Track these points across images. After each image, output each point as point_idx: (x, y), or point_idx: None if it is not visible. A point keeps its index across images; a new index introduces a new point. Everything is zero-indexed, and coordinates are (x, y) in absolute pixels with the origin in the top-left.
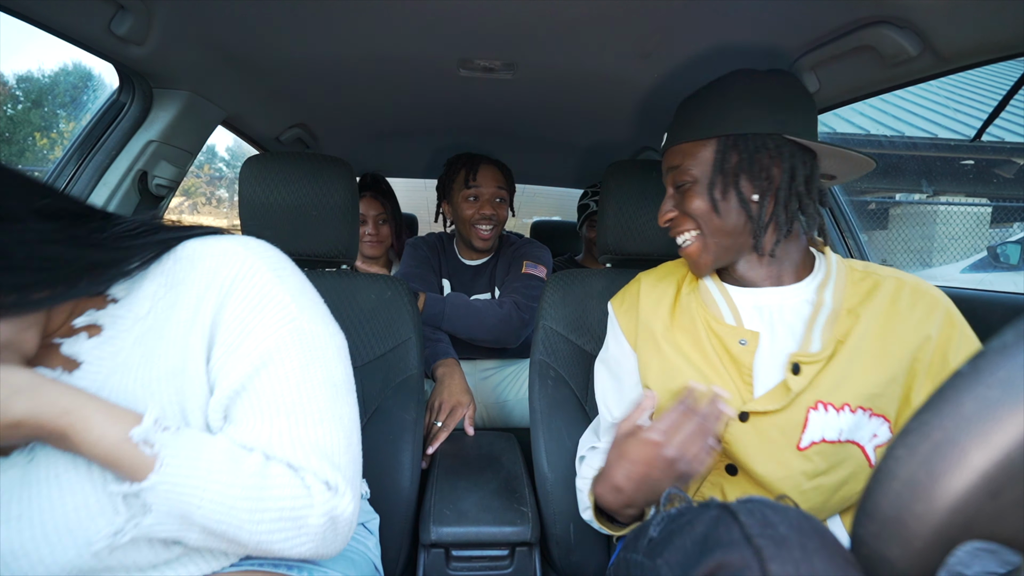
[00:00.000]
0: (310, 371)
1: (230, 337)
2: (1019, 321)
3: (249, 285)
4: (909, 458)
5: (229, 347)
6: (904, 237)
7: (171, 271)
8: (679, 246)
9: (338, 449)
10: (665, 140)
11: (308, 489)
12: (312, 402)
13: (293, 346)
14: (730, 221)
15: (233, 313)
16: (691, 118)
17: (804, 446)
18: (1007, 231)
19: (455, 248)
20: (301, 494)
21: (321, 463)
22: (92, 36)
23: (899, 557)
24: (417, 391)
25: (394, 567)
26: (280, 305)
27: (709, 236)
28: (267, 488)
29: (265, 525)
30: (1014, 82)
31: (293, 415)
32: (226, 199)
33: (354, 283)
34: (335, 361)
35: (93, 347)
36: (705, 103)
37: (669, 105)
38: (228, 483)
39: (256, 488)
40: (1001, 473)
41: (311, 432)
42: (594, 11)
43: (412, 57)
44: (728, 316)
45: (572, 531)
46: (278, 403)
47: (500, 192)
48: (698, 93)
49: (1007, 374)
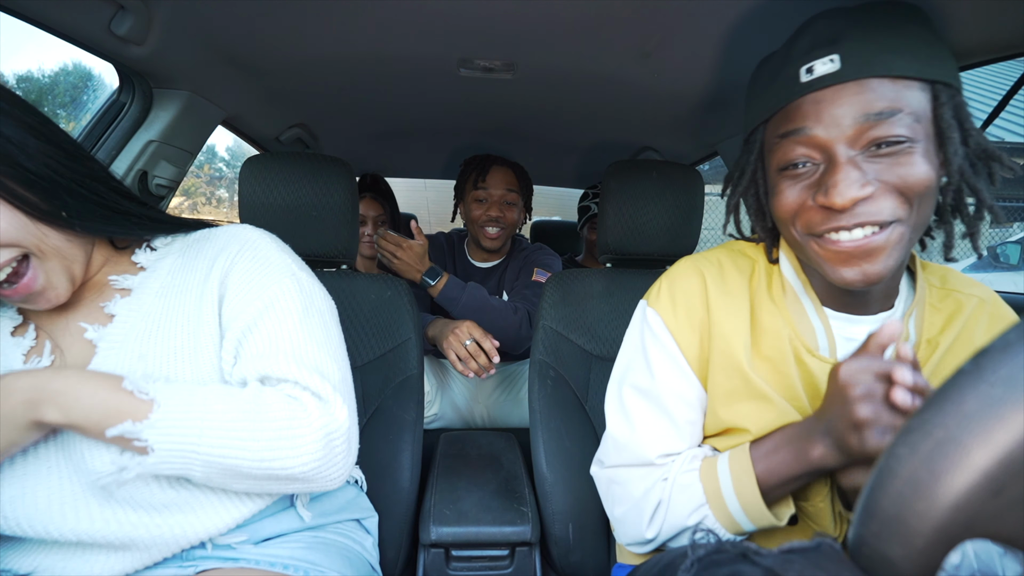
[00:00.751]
0: (309, 314)
1: (239, 288)
2: (1022, 320)
3: (255, 249)
4: (911, 456)
5: (238, 295)
6: None
7: (189, 247)
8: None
9: (330, 369)
10: (844, 64)
11: (303, 406)
12: (310, 336)
13: (293, 293)
14: (931, 207)
15: (242, 269)
16: (898, 42)
17: None
18: (1007, 231)
19: (466, 249)
20: (297, 411)
21: (313, 376)
22: (92, 36)
23: (901, 556)
24: (417, 391)
25: (394, 567)
26: (282, 263)
27: (913, 229)
28: (262, 410)
29: (263, 443)
30: (1014, 82)
31: (293, 342)
32: (226, 199)
33: (354, 283)
34: (329, 316)
35: (124, 304)
36: (905, 27)
37: (669, 105)
38: (224, 410)
39: (252, 411)
40: (1003, 471)
41: (309, 356)
42: (594, 11)
43: (412, 57)
44: (824, 347)
45: (572, 531)
46: (281, 335)
47: (509, 195)
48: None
49: (1009, 372)
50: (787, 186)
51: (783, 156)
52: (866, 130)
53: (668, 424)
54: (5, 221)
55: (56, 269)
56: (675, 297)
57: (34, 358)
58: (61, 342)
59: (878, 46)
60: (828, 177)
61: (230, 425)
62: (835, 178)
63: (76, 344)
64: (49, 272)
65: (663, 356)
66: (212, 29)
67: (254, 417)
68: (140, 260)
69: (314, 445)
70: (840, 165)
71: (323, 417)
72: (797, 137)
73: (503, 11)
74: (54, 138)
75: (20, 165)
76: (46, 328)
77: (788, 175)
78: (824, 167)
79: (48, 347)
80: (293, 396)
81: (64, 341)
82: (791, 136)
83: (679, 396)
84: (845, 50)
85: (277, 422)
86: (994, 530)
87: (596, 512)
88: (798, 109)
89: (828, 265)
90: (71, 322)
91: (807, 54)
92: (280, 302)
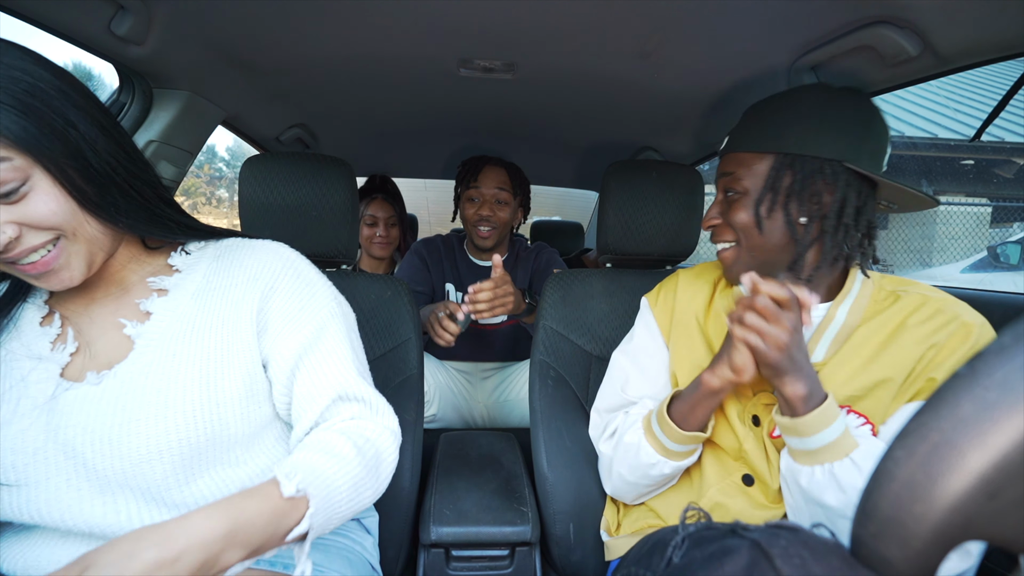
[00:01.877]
0: (351, 335)
1: (288, 308)
2: (1017, 322)
3: (298, 270)
4: (908, 459)
5: (288, 315)
6: (904, 237)
7: (223, 254)
8: (718, 251)
9: (369, 378)
10: (725, 143)
11: (379, 432)
12: (356, 353)
13: (339, 316)
14: (772, 240)
15: (288, 288)
16: (752, 128)
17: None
18: (1007, 231)
19: (466, 249)
20: (381, 442)
21: (369, 388)
22: (92, 36)
23: (898, 557)
24: (417, 391)
25: (394, 567)
26: (325, 287)
27: (746, 250)
28: (367, 461)
29: (377, 485)
30: (1014, 82)
31: (353, 360)
32: (226, 199)
33: (354, 283)
34: (357, 332)
35: (161, 303)
36: (770, 114)
37: (669, 105)
38: (347, 478)
39: (363, 469)
40: (999, 474)
41: (364, 370)
42: (594, 11)
43: (412, 57)
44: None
45: (572, 531)
46: (340, 355)
47: (501, 194)
48: (766, 102)
49: (1004, 376)
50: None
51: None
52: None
53: (639, 372)
54: (57, 205)
55: (80, 253)
56: (660, 289)
57: (59, 345)
58: (88, 333)
59: (740, 131)
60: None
61: (353, 490)
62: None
63: (109, 338)
64: (72, 255)
65: (644, 328)
66: (212, 29)
67: (366, 473)
68: (175, 263)
69: (394, 458)
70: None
71: (390, 429)
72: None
73: (503, 11)
74: (120, 140)
75: (86, 159)
76: (71, 319)
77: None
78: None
79: (71, 334)
80: (364, 423)
81: (91, 333)
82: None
83: (648, 354)
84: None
85: (380, 464)
86: (990, 532)
87: (597, 512)
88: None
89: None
90: (103, 317)
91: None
92: (331, 324)
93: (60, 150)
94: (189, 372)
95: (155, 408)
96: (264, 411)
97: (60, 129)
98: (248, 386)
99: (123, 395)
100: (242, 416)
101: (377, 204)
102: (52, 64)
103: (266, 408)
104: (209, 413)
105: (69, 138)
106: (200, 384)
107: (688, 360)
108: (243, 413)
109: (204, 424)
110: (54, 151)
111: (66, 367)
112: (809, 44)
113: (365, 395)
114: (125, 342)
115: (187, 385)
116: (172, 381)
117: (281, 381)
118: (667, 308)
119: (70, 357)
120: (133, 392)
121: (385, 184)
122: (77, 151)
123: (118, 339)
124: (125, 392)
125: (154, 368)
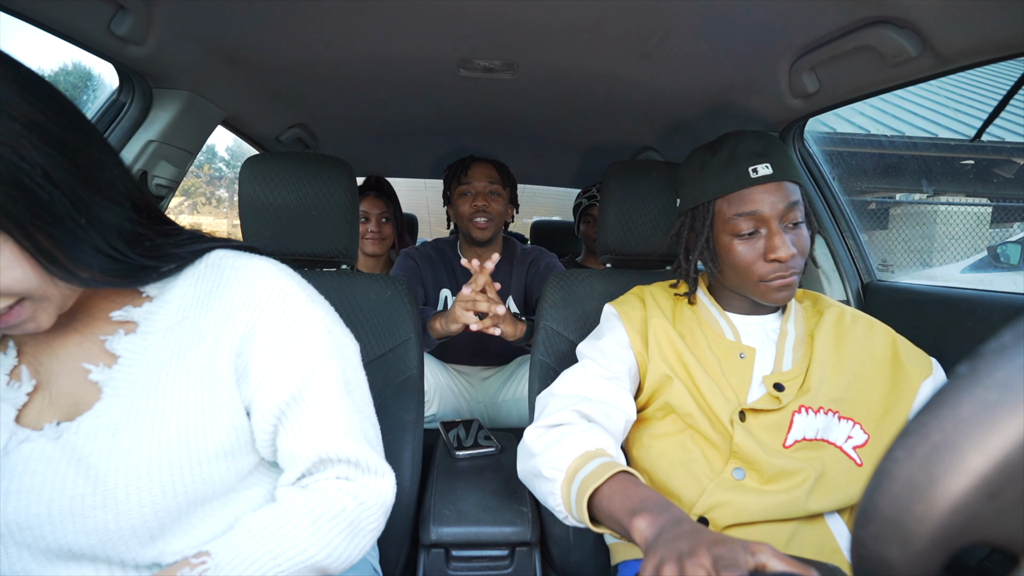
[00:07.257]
0: (346, 375)
1: (272, 350)
2: (1017, 322)
3: (285, 301)
4: (908, 460)
5: (272, 359)
6: (904, 237)
7: (202, 275)
8: (778, 282)
9: (372, 433)
10: (774, 170)
11: (363, 499)
12: (353, 402)
13: (332, 356)
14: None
15: (272, 326)
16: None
17: (789, 444)
18: (1007, 231)
19: (459, 251)
20: (361, 514)
21: (363, 447)
22: (92, 36)
23: (899, 558)
24: (417, 391)
25: (394, 567)
26: (314, 317)
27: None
28: (321, 519)
29: (348, 555)
30: (1014, 82)
31: (342, 414)
32: (226, 199)
33: (354, 283)
34: (358, 365)
35: (129, 342)
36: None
37: (669, 105)
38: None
39: (315, 538)
40: (1000, 475)
41: (356, 425)
42: (594, 11)
43: (412, 57)
44: (729, 334)
45: (572, 531)
46: (329, 407)
47: (492, 187)
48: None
49: (1005, 376)
50: (743, 248)
51: (736, 228)
52: (786, 212)
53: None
54: (23, 273)
55: (48, 308)
56: (627, 298)
57: (14, 383)
58: (48, 368)
59: (787, 161)
60: (769, 241)
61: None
62: (774, 242)
63: (73, 378)
64: (39, 310)
65: (610, 333)
66: (212, 29)
67: (327, 546)
68: (145, 289)
69: (376, 526)
70: (778, 234)
71: (377, 494)
72: (751, 216)
73: (503, 11)
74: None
75: (73, 234)
76: (27, 351)
77: (742, 241)
78: (765, 234)
79: (26, 371)
80: (350, 487)
81: (52, 368)
82: (745, 215)
83: (616, 356)
84: (773, 161)
85: (355, 536)
86: (992, 533)
87: None
88: (750, 195)
89: (769, 294)
90: (65, 351)
91: (749, 160)
92: (321, 369)
93: (24, 209)
94: (164, 429)
95: (126, 476)
96: (250, 460)
97: (23, 181)
98: (233, 440)
99: (87, 456)
100: (227, 471)
101: (369, 200)
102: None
103: (252, 457)
104: (190, 474)
105: (29, 188)
106: (178, 443)
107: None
108: (227, 468)
109: (184, 488)
110: (16, 212)
111: (23, 409)
112: (809, 44)
113: (353, 455)
114: (91, 388)
115: (162, 446)
116: (145, 441)
117: (265, 431)
118: (638, 314)
119: (27, 396)
120: (99, 453)
121: (380, 183)
122: (42, 204)
123: (82, 382)
124: (89, 453)
125: (123, 424)
